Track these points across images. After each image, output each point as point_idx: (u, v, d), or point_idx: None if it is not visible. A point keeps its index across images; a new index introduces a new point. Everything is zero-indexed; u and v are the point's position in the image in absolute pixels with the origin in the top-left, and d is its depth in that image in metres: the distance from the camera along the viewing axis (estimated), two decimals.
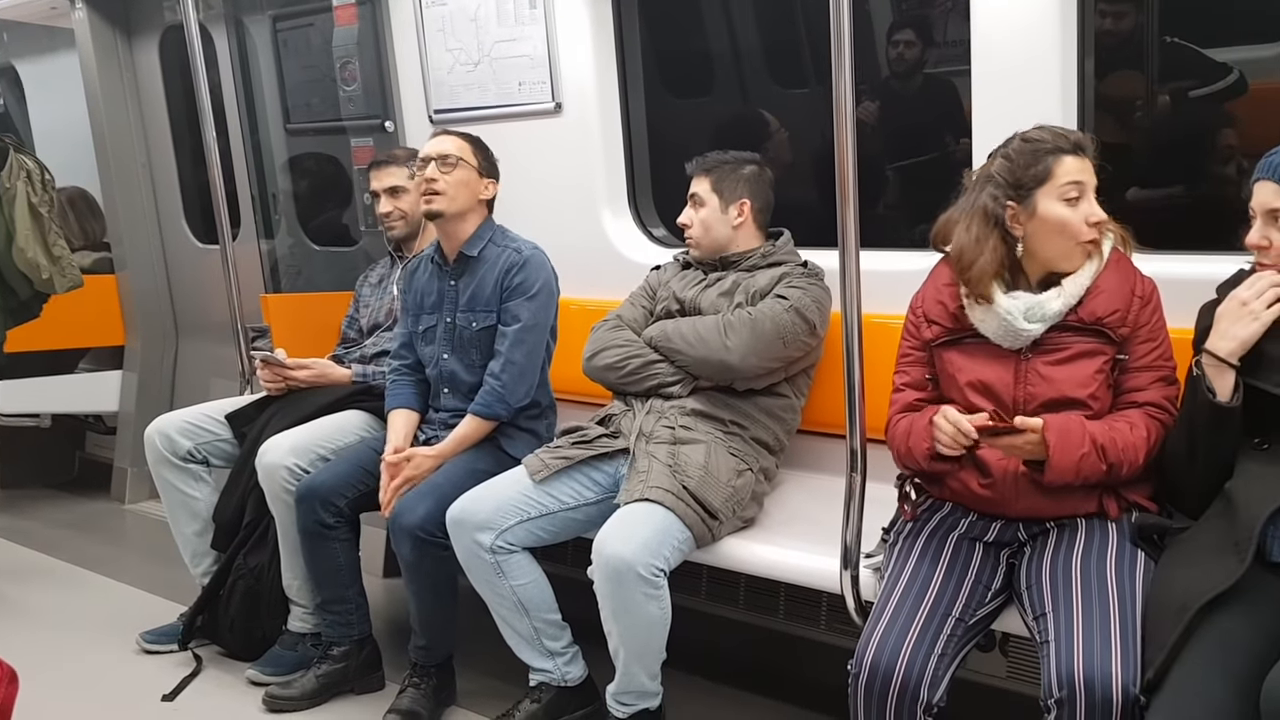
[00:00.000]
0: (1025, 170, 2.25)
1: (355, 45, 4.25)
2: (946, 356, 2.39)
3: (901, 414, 2.44)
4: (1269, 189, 2.06)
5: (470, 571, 2.83)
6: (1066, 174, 2.24)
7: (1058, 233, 2.26)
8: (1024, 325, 2.26)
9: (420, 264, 3.32)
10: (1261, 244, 2.08)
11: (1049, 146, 2.25)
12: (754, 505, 2.88)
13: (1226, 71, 3.05)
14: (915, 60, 3.76)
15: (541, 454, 2.90)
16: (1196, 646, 1.89)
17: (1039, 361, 2.28)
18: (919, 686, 2.08)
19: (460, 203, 3.13)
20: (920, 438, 2.29)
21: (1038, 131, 2.29)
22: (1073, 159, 2.25)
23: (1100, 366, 2.27)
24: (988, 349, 2.32)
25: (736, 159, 3.05)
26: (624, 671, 2.69)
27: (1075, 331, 2.27)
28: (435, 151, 3.12)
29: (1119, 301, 2.27)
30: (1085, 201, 2.25)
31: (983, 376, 2.32)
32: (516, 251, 3.14)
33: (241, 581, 3.40)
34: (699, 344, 2.88)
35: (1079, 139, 2.29)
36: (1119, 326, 2.26)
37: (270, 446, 3.24)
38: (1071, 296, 2.27)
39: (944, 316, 2.39)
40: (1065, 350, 2.27)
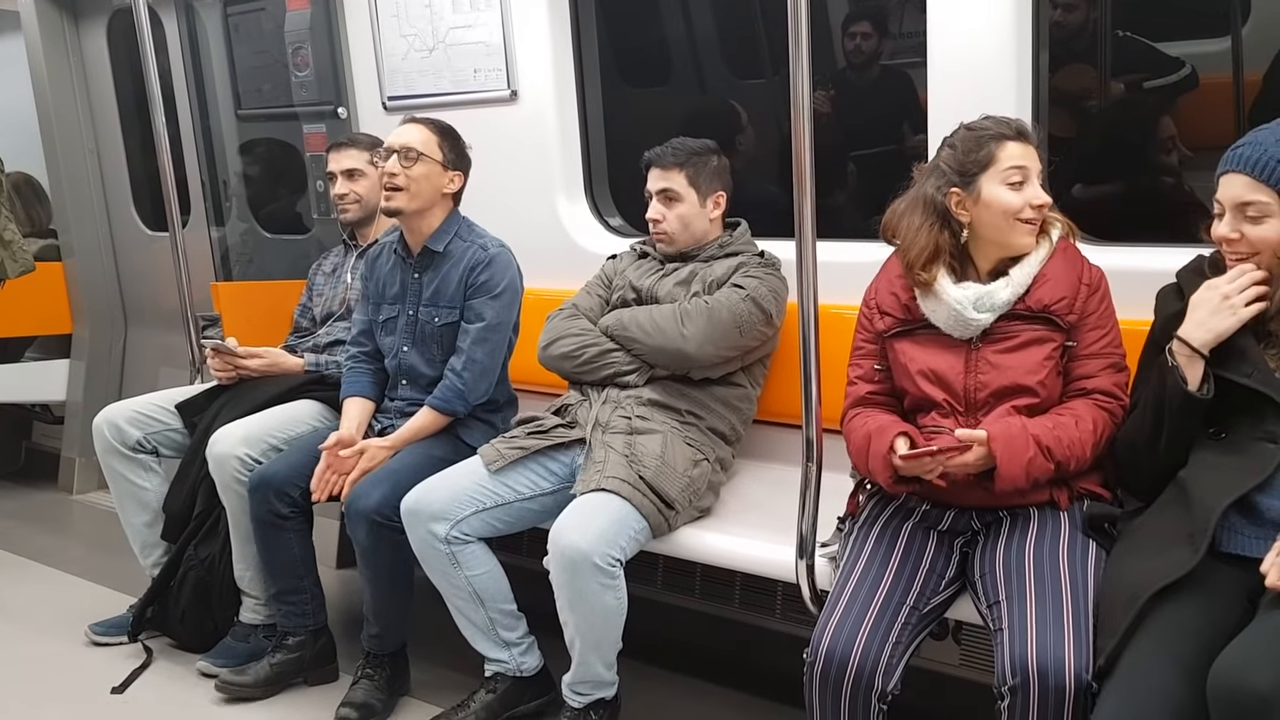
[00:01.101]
0: (969, 156, 2.29)
1: (308, 30, 4.20)
2: (899, 347, 2.41)
3: (856, 409, 2.46)
4: (1239, 182, 2.05)
5: (425, 562, 2.81)
6: (1009, 158, 2.27)
7: (1002, 216, 2.28)
8: (973, 315, 2.29)
9: (382, 252, 3.28)
10: (1232, 237, 2.08)
11: (992, 133, 2.29)
12: (710, 495, 2.88)
13: (1179, 65, 3.09)
14: (872, 52, 3.77)
15: (497, 444, 2.88)
16: (1147, 633, 1.92)
17: (988, 350, 2.31)
18: (874, 674, 2.09)
19: (421, 199, 3.08)
20: (881, 465, 2.27)
21: (982, 120, 2.33)
22: (1015, 144, 2.28)
23: (1049, 354, 2.29)
24: (939, 339, 2.35)
25: (704, 149, 3.02)
26: (580, 661, 2.69)
27: (1024, 320, 2.30)
28: (398, 143, 3.06)
29: (1066, 289, 2.30)
30: (1029, 186, 2.28)
31: (934, 366, 2.34)
32: (482, 249, 3.11)
33: (192, 573, 3.36)
34: (655, 333, 2.88)
35: (1021, 125, 2.32)
36: (1066, 313, 2.29)
37: (221, 436, 3.20)
38: (1020, 285, 2.29)
39: (896, 308, 2.41)
40: (1014, 338, 2.30)
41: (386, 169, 3.05)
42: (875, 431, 2.31)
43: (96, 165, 5.22)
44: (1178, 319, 2.16)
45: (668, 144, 3.02)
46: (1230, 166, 2.07)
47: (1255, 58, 3.00)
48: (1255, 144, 2.05)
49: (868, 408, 2.45)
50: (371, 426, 3.21)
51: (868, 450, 2.31)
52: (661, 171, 2.99)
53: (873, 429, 2.32)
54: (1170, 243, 2.54)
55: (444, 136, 3.11)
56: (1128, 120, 3.21)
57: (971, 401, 2.30)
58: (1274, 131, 2.05)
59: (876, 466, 2.28)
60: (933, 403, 2.35)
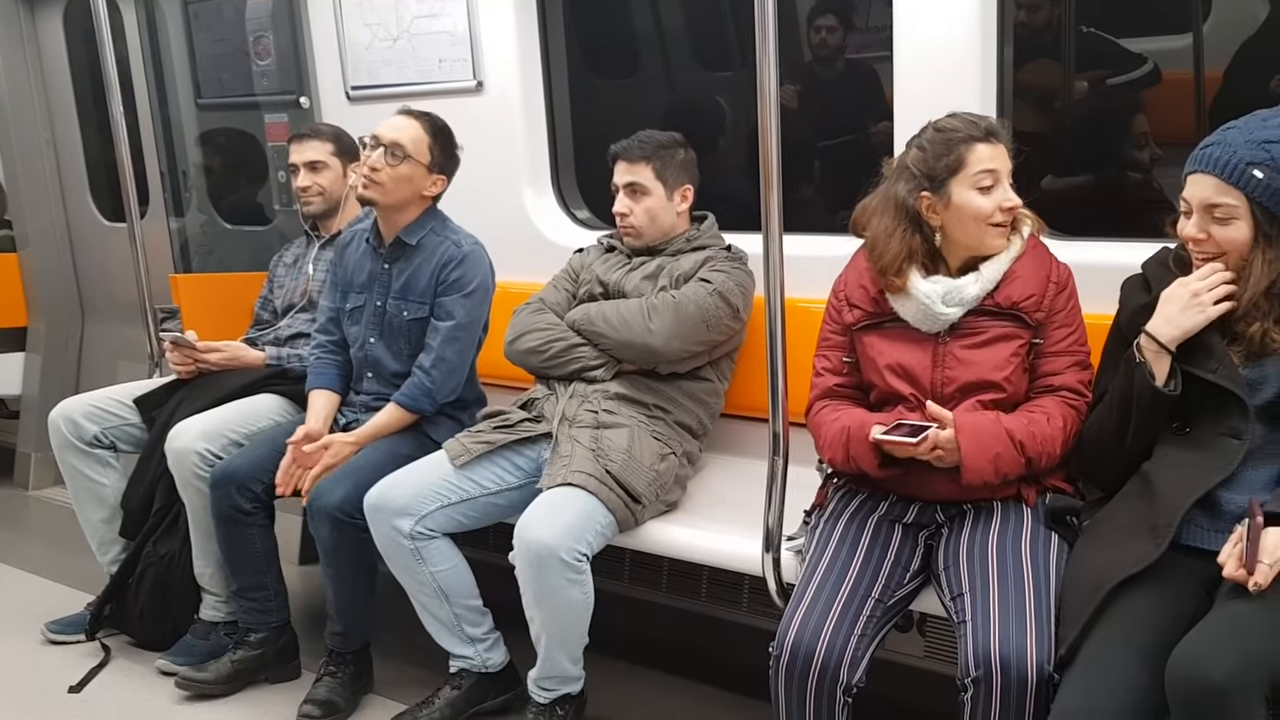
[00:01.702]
0: (938, 160, 2.28)
1: (269, 18, 4.16)
2: (867, 340, 2.41)
3: (823, 401, 2.47)
4: (1208, 183, 2.05)
5: (389, 558, 2.79)
6: (979, 162, 2.26)
7: (972, 220, 2.28)
8: (941, 309, 2.30)
9: (353, 239, 3.25)
10: (1199, 237, 2.08)
11: (961, 135, 2.27)
12: (677, 489, 2.88)
13: (1141, 61, 3.11)
14: (837, 46, 3.78)
15: (462, 438, 2.87)
16: (1108, 623, 1.94)
17: (956, 345, 2.32)
18: (839, 667, 2.10)
19: (397, 197, 3.04)
20: (864, 450, 2.27)
21: (950, 120, 2.31)
22: (985, 146, 2.27)
23: (1016, 350, 2.31)
24: (907, 333, 2.36)
25: (671, 142, 3.00)
26: (546, 657, 2.68)
27: (992, 316, 2.31)
28: (389, 138, 3.00)
29: (1035, 286, 2.31)
30: (999, 188, 2.28)
31: (901, 360, 2.35)
32: (456, 246, 3.07)
33: (151, 570, 3.32)
34: (622, 327, 2.86)
35: (990, 125, 2.30)
36: (1034, 311, 2.30)
37: (180, 431, 3.16)
38: (989, 281, 2.30)
39: (865, 301, 2.41)
40: (982, 334, 2.31)
41: (370, 160, 2.99)
42: (853, 424, 2.31)
43: (52, 155, 5.14)
44: (1144, 311, 2.18)
45: (634, 137, 3.00)
46: (1199, 166, 2.06)
47: (1216, 54, 3.02)
48: (1224, 144, 2.04)
49: (835, 400, 2.45)
50: (336, 421, 3.18)
51: (847, 440, 2.30)
52: (628, 165, 2.98)
53: (849, 423, 2.32)
54: (1137, 237, 2.55)
55: (436, 137, 3.05)
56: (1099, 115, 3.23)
57: (939, 396, 2.31)
58: (1243, 130, 2.04)
59: (860, 453, 2.27)
60: (900, 396, 2.36)
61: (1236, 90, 2.95)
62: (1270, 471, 2.04)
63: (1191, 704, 1.74)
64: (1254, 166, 2.00)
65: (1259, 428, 2.05)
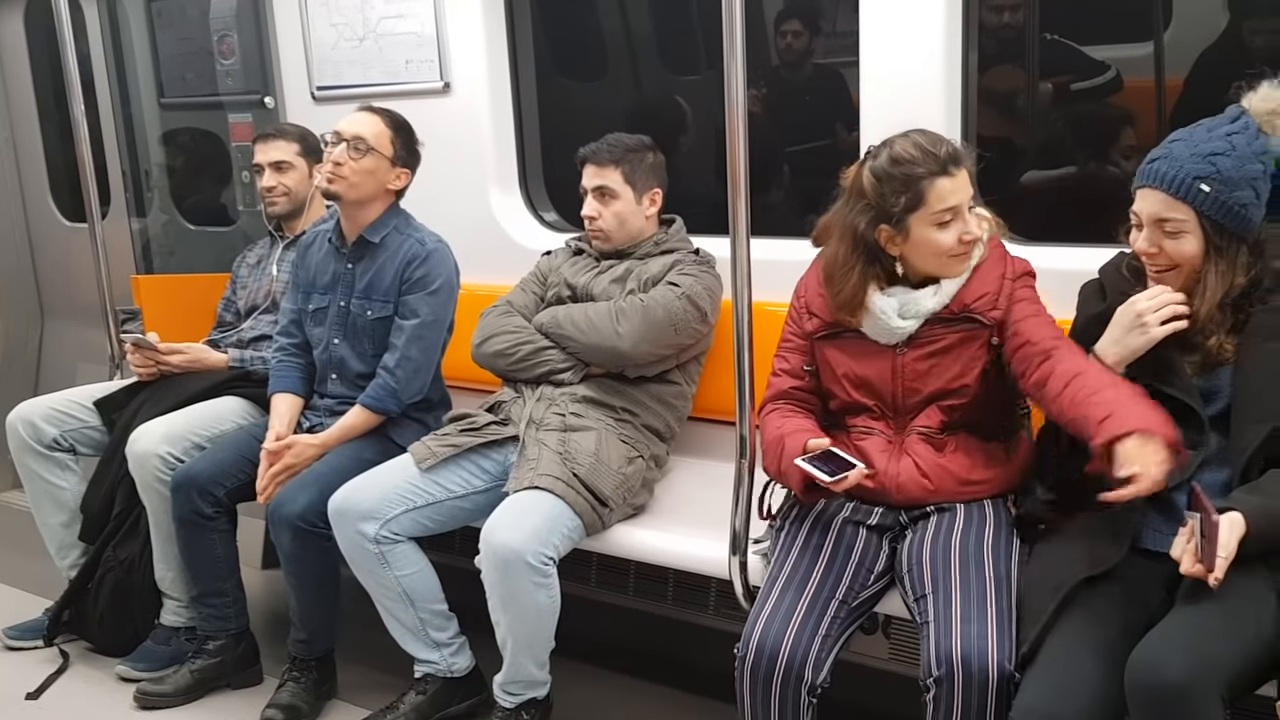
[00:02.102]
0: (896, 197, 2.21)
1: (233, 18, 4.13)
2: (826, 350, 2.42)
3: (775, 403, 2.46)
4: (1156, 198, 2.06)
5: (353, 562, 2.77)
6: (939, 200, 2.20)
7: (932, 254, 2.26)
8: (898, 323, 2.29)
9: (315, 239, 3.22)
10: (1151, 251, 2.10)
11: (920, 172, 2.19)
12: (644, 492, 2.88)
13: (1104, 69, 3.14)
14: (803, 50, 3.79)
15: (428, 441, 2.85)
16: (1069, 623, 1.96)
17: (914, 356, 2.32)
18: (803, 668, 2.11)
19: (362, 191, 3.02)
20: (791, 469, 2.26)
21: (908, 150, 2.21)
22: (945, 181, 2.20)
23: (975, 353, 2.31)
24: (865, 344, 2.35)
25: (639, 145, 3.00)
26: (512, 661, 2.67)
27: (947, 323, 2.30)
28: (350, 133, 2.99)
29: (988, 286, 2.30)
30: (958, 222, 2.23)
31: (861, 372, 2.36)
32: (420, 244, 3.06)
33: (111, 574, 3.29)
34: (590, 330, 2.86)
35: (951, 153, 2.22)
36: (989, 310, 2.29)
37: (141, 434, 3.13)
38: (947, 295, 2.29)
39: (824, 311, 2.40)
40: (938, 343, 2.31)
41: (333, 156, 2.98)
42: (789, 438, 2.30)
43: (12, 154, 5.08)
44: (1099, 320, 2.21)
45: (603, 140, 3.00)
46: (1146, 181, 2.07)
47: (1176, 62, 3.06)
48: (1170, 159, 2.05)
49: (788, 403, 2.45)
50: (300, 424, 3.15)
51: (780, 454, 2.30)
52: (597, 168, 2.97)
53: (786, 435, 2.32)
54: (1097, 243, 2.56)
55: (397, 131, 3.05)
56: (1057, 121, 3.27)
57: (900, 406, 2.33)
58: (1188, 143, 2.06)
59: (788, 469, 2.27)
60: (863, 407, 2.37)
61: (1197, 97, 2.99)
62: (1223, 475, 2.07)
63: (1150, 704, 1.76)
64: (1200, 180, 2.02)
65: (1214, 436, 2.08)
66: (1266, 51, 2.85)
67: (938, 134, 2.27)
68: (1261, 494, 1.95)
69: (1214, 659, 1.76)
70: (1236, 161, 2.04)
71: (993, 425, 2.38)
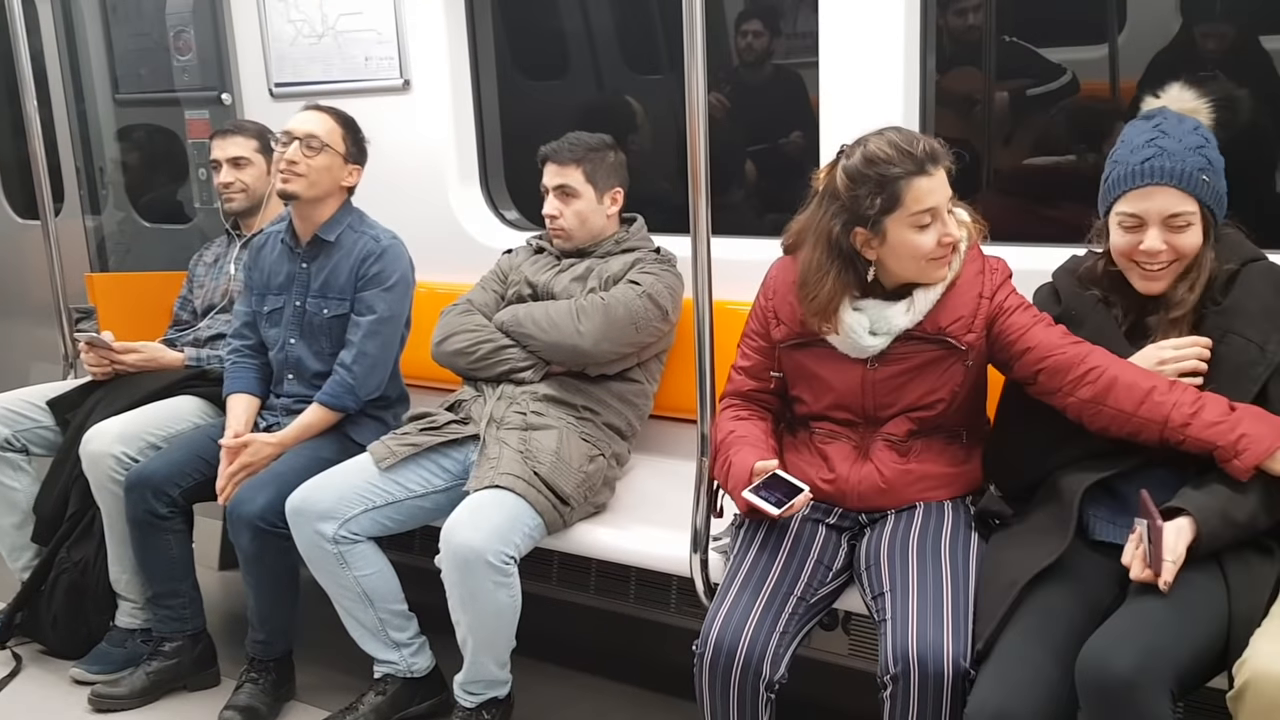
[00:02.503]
0: (872, 198, 2.14)
1: (190, 13, 4.09)
2: (794, 359, 2.38)
3: (731, 400, 2.44)
4: (1166, 195, 2.06)
5: (311, 562, 2.75)
6: (917, 201, 2.13)
7: (910, 257, 2.20)
8: (869, 340, 2.25)
9: (268, 241, 3.20)
10: (1161, 249, 2.09)
11: (896, 171, 2.12)
12: (606, 490, 2.88)
13: (1060, 72, 3.18)
14: (763, 50, 3.81)
15: (388, 440, 2.83)
16: (1022, 619, 1.99)
17: (885, 372, 2.28)
18: (761, 663, 2.12)
19: (319, 189, 3.01)
20: (737, 487, 2.24)
21: (883, 148, 2.13)
22: (923, 180, 2.13)
23: (948, 372, 2.28)
24: (835, 356, 2.31)
25: (600, 144, 2.99)
26: (472, 660, 2.66)
27: (919, 341, 2.26)
28: (302, 131, 2.99)
29: (964, 308, 2.25)
30: (937, 223, 2.17)
31: (830, 383, 2.33)
32: (374, 240, 3.05)
33: (65, 576, 3.24)
34: (551, 329, 2.86)
35: (927, 152, 2.14)
36: (963, 334, 2.25)
37: (96, 434, 3.10)
38: (920, 312, 2.24)
39: (793, 320, 2.34)
40: (909, 361, 2.27)
41: (287, 155, 2.97)
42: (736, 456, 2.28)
43: None
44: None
45: (564, 139, 2.99)
46: (1151, 180, 2.07)
47: (1130, 64, 3.10)
48: (1167, 155, 2.07)
49: (744, 405, 2.44)
50: (257, 425, 3.12)
51: (727, 470, 2.29)
52: (558, 167, 2.97)
53: (733, 448, 2.30)
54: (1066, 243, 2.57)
55: (347, 129, 3.05)
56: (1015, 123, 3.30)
57: (871, 417, 2.31)
58: (1174, 138, 2.09)
59: (735, 488, 2.25)
60: (830, 416, 2.35)
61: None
62: (1177, 470, 2.10)
63: (1100, 697, 1.78)
64: (1201, 172, 2.07)
65: None
66: (1217, 54, 2.90)
67: (913, 131, 2.21)
68: (1209, 493, 1.98)
69: (1163, 653, 1.79)
70: (1214, 152, 2.12)
71: (960, 428, 2.38)
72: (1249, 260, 2.15)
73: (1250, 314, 2.10)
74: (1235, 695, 1.76)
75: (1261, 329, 2.09)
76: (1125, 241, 2.13)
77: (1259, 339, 2.08)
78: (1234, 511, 1.95)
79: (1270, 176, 2.92)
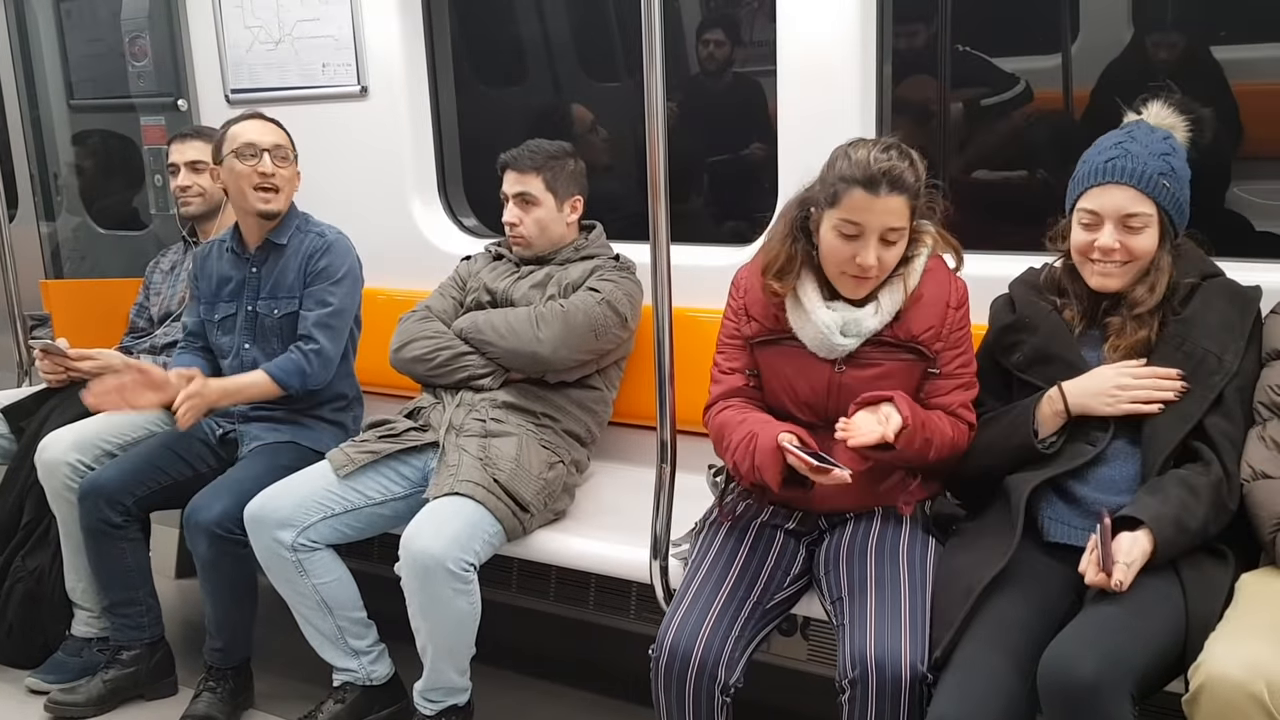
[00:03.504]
0: (825, 185, 2.21)
1: (146, 19, 4.06)
2: (763, 356, 2.39)
3: (726, 400, 2.40)
4: (1124, 194, 2.11)
5: (270, 570, 2.74)
6: (849, 210, 2.16)
7: (829, 258, 2.24)
8: (840, 340, 2.26)
9: (212, 250, 3.19)
10: (1114, 246, 2.13)
11: (849, 175, 2.15)
12: (565, 497, 2.88)
13: (1014, 81, 3.21)
14: (724, 59, 3.82)
15: (346, 448, 2.82)
16: (980, 626, 2.01)
17: (852, 373, 2.29)
18: (716, 667, 2.13)
19: (290, 199, 3.05)
20: (768, 461, 2.19)
21: (861, 153, 2.17)
22: (863, 195, 2.14)
23: (910, 379, 2.30)
24: (804, 356, 2.31)
25: (560, 152, 3.00)
26: (432, 668, 2.66)
27: (889, 347, 2.28)
28: (268, 142, 2.98)
29: (934, 318, 2.28)
30: (859, 242, 2.18)
31: (796, 383, 2.34)
32: (320, 235, 3.06)
33: (20, 585, 3.21)
34: (510, 335, 2.86)
35: (885, 174, 2.14)
36: (933, 343, 2.28)
37: (50, 442, 3.07)
38: (887, 314, 2.26)
39: (765, 316, 2.36)
40: (878, 366, 2.29)
41: (259, 169, 2.96)
42: (760, 431, 2.24)
43: None
44: (1008, 330, 2.30)
45: (524, 146, 2.99)
46: (1111, 178, 2.13)
47: (1083, 74, 3.14)
48: (1130, 156, 2.13)
49: (741, 400, 2.40)
50: (212, 430, 3.10)
51: (754, 448, 2.22)
52: (518, 175, 2.97)
53: (756, 429, 2.25)
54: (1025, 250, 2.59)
55: (288, 135, 3.07)
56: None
57: (834, 420, 2.28)
58: (1142, 143, 2.15)
59: (765, 463, 2.19)
60: (793, 416, 2.35)
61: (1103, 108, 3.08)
62: (1128, 469, 2.15)
63: (1062, 702, 1.81)
64: (1163, 177, 2.12)
65: (1123, 433, 2.16)
66: (1169, 64, 2.95)
67: (905, 154, 2.19)
68: (1164, 500, 2.01)
69: (1123, 657, 1.81)
70: (1180, 162, 2.17)
71: None
72: (1208, 275, 2.20)
73: (1209, 325, 2.15)
74: (1190, 698, 1.78)
75: (1220, 340, 2.13)
76: (1082, 239, 2.18)
77: (1217, 349, 2.13)
78: (1187, 519, 1.99)
79: (1220, 186, 2.96)
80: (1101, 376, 2.16)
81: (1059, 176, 2.38)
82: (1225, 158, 2.89)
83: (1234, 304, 2.18)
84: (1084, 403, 2.16)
